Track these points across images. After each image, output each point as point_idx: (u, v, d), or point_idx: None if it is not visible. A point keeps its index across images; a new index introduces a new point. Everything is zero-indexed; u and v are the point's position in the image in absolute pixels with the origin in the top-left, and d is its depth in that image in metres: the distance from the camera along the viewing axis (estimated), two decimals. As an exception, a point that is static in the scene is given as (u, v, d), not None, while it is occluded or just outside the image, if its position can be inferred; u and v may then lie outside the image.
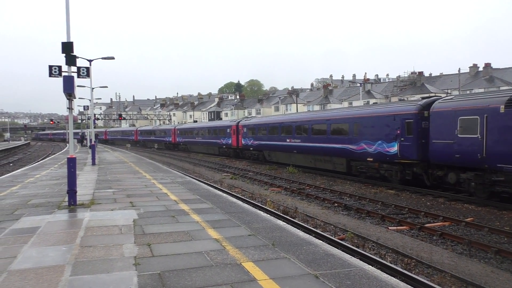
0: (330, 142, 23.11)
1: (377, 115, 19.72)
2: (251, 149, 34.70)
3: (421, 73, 70.59)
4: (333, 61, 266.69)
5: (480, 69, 69.31)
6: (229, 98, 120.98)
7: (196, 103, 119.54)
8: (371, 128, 19.85)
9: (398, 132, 17.88)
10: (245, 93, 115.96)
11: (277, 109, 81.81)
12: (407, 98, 58.16)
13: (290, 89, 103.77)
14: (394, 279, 5.64)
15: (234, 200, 12.10)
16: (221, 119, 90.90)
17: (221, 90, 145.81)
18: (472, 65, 70.48)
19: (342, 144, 22.00)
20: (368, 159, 19.99)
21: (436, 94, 34.68)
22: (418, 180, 17.73)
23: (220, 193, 13.74)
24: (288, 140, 27.90)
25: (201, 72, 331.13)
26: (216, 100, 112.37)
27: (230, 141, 39.16)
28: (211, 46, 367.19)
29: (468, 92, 54.76)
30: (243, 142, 36.09)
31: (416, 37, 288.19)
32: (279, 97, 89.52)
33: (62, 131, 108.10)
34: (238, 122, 37.90)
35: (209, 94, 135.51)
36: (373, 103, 32.37)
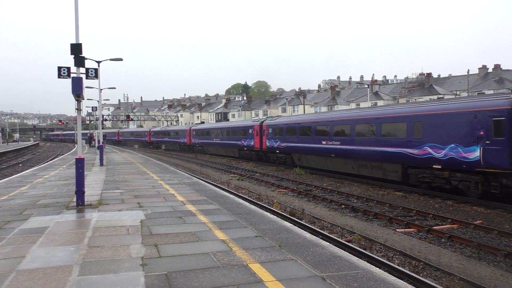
0: (380, 145, 19.39)
1: (449, 112, 16.13)
2: (278, 152, 31.22)
3: (429, 75, 70.12)
4: (339, 62, 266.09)
5: (490, 70, 68.68)
6: (236, 99, 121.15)
7: (203, 104, 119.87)
8: (439, 128, 16.39)
9: (482, 133, 14.55)
10: (252, 94, 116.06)
11: (284, 110, 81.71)
12: (415, 99, 57.83)
13: (297, 90, 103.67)
14: (402, 281, 5.60)
15: (241, 201, 12.10)
16: (228, 120, 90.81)
17: (228, 92, 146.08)
18: (481, 66, 69.83)
19: (397, 148, 18.45)
20: (434, 166, 16.52)
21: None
22: (508, 195, 14.36)
23: (227, 194, 13.75)
24: (324, 142, 24.29)
25: (208, 74, 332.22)
26: (223, 101, 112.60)
27: (252, 143, 35.57)
28: (218, 48, 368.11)
29: (476, 94, 54.27)
30: (267, 144, 32.55)
31: (424, 38, 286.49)
32: (286, 98, 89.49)
33: (73, 132, 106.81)
34: (262, 122, 34.31)
35: (216, 95, 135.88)
36: (439, 98, 30.15)
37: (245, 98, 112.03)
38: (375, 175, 20.43)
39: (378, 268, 6.08)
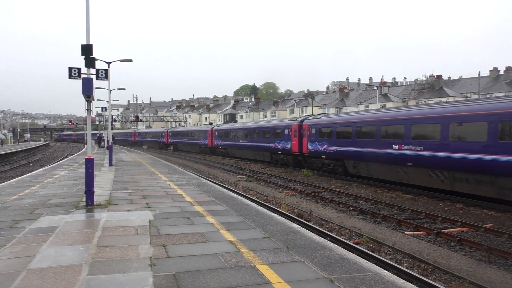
0: (499, 152, 13.98)
1: None
2: (323, 157, 25.85)
3: (439, 77, 69.60)
4: (348, 63, 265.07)
5: (501, 72, 67.95)
6: (245, 100, 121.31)
7: (211, 105, 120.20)
8: None
9: None
10: (261, 95, 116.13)
11: (292, 112, 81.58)
12: (425, 102, 57.36)
13: (305, 91, 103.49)
14: (411, 284, 5.56)
15: (249, 202, 12.11)
16: (236, 121, 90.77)
17: (236, 93, 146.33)
18: (492, 68, 69.13)
19: None
20: None
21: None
22: None
23: (235, 195, 13.76)
24: (396, 147, 18.80)
25: (217, 75, 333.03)
26: (232, 102, 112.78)
27: (288, 146, 30.59)
28: (227, 49, 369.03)
29: (488, 95, 53.72)
30: (309, 147, 27.46)
31: (433, 38, 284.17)
32: (295, 100, 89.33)
33: (94, 132, 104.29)
34: (302, 121, 29.26)
35: (225, 97, 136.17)
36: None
37: (253, 99, 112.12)
38: (482, 193, 15.05)
39: (386, 271, 6.04)
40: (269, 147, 33.89)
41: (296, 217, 12.53)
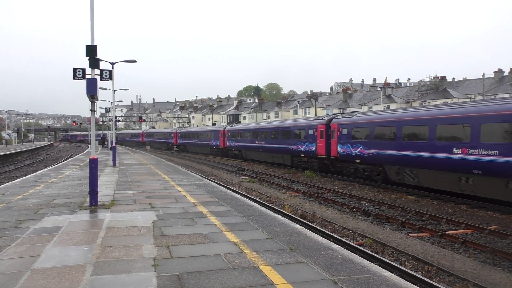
0: None
1: None
2: (357, 161, 22.37)
3: (443, 78, 69.38)
4: (351, 64, 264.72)
5: (505, 74, 67.69)
6: (248, 101, 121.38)
7: (215, 106, 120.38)
8: None
9: None
10: (264, 96, 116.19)
11: (295, 113, 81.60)
12: (429, 103, 57.18)
13: (309, 92, 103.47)
14: (415, 286, 5.55)
15: (252, 203, 12.11)
16: (239, 122, 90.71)
17: (239, 94, 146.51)
18: (496, 69, 68.90)
19: None
20: None
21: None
22: None
23: (238, 196, 13.77)
24: (458, 151, 15.41)
25: (220, 76, 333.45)
26: (235, 103, 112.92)
27: (313, 148, 27.21)
28: (230, 49, 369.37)
29: (492, 97, 53.50)
30: (340, 149, 24.08)
31: (437, 38, 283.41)
32: (298, 101, 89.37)
33: (98, 132, 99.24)
34: (330, 120, 25.94)
35: (228, 97, 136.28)
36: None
37: (256, 100, 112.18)
38: None
39: (390, 273, 6.03)
40: (290, 149, 30.49)
41: (299, 218, 12.51)
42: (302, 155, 28.98)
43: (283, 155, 32.45)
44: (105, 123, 76.79)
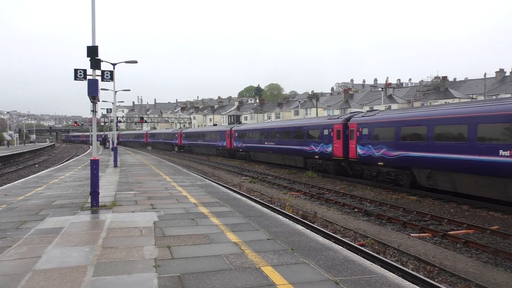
0: None
1: None
2: (381, 163, 20.26)
3: (444, 78, 69.26)
4: (352, 65, 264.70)
5: (507, 73, 67.58)
6: (249, 102, 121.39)
7: (216, 106, 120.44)
8: None
9: None
10: (265, 97, 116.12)
11: (296, 113, 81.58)
12: (430, 103, 57.12)
13: (310, 93, 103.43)
14: (417, 287, 5.54)
15: (253, 204, 12.10)
16: (240, 122, 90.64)
17: (241, 94, 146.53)
18: (498, 69, 68.77)
19: None
20: None
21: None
22: None
23: (239, 196, 13.77)
24: (505, 153, 13.68)
25: (221, 76, 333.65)
26: (236, 104, 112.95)
27: (329, 149, 25.09)
28: (231, 50, 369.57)
29: (494, 97, 53.41)
30: (359, 151, 21.88)
31: (438, 37, 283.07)
32: (299, 101, 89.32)
33: (99, 133, 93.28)
34: (348, 119, 23.64)
35: (229, 98, 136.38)
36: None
37: (257, 100, 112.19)
38: None
39: (392, 273, 6.02)
40: (303, 150, 28.36)
41: (300, 219, 12.50)
42: (316, 156, 26.88)
43: (295, 157, 30.27)
44: (107, 123, 76.83)
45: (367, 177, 22.07)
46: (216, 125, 77.58)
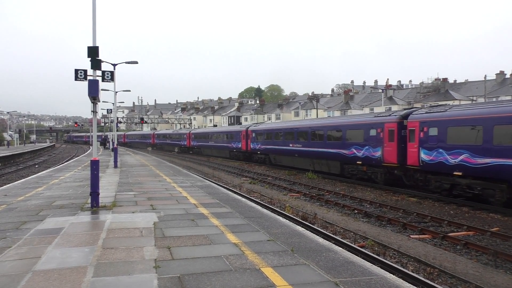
0: None
1: None
2: (458, 173, 16.07)
3: (445, 80, 69.29)
4: (353, 66, 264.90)
5: (507, 76, 67.61)
6: (249, 103, 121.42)
7: (216, 107, 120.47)
8: None
9: None
10: (265, 98, 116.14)
11: (297, 114, 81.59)
12: (430, 104, 57.14)
13: (310, 94, 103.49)
14: (416, 289, 5.52)
15: (253, 205, 12.10)
16: (240, 123, 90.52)
17: (241, 95, 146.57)
18: (498, 71, 68.80)
19: None
20: None
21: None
22: None
23: (239, 197, 13.77)
24: None
25: (222, 77, 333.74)
26: (236, 104, 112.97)
27: (377, 153, 20.66)
28: (232, 51, 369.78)
29: (494, 99, 53.43)
30: (423, 156, 17.62)
31: (439, 37, 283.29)
32: (299, 102, 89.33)
33: (100, 134, 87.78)
34: (405, 116, 19.48)
35: (229, 99, 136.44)
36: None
37: (258, 101, 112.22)
38: None
39: (392, 275, 6.02)
40: (341, 154, 23.86)
41: (300, 220, 12.49)
42: (358, 162, 22.36)
43: (329, 162, 25.76)
44: (107, 124, 76.76)
45: (434, 189, 17.74)
46: (216, 125, 76.01)
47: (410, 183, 19.41)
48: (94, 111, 11.55)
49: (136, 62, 29.11)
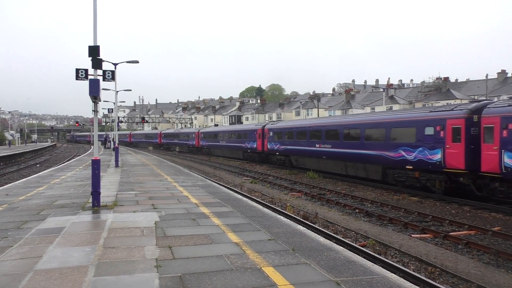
0: None
1: None
2: None
3: (446, 79, 69.12)
4: (354, 64, 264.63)
5: (509, 75, 67.46)
6: (250, 102, 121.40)
7: (217, 107, 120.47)
8: None
9: None
10: (266, 97, 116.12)
11: (298, 113, 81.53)
12: (432, 104, 57.05)
13: (311, 93, 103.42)
14: (418, 288, 5.52)
15: (254, 204, 12.10)
16: (241, 123, 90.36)
17: (242, 94, 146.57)
18: (500, 71, 68.64)
19: None
20: None
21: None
22: None
23: (240, 197, 13.76)
24: None
25: (223, 76, 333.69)
26: (237, 104, 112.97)
27: (437, 156, 17.22)
28: (233, 50, 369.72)
29: (495, 98, 53.34)
30: (507, 161, 14.31)
31: (441, 38, 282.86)
32: (300, 102, 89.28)
33: (101, 133, 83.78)
34: (476, 111, 16.10)
35: (230, 98, 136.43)
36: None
37: (258, 101, 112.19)
38: None
39: (393, 274, 6.00)
40: (383, 157, 20.17)
41: (301, 219, 12.48)
42: (409, 167, 18.56)
43: (368, 166, 21.80)
44: (108, 124, 76.73)
45: None
46: (217, 125, 74.61)
47: (483, 194, 15.94)
48: (95, 111, 11.54)
49: (137, 62, 29.12)
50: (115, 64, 27.64)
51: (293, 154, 30.88)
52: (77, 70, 10.92)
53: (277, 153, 33.57)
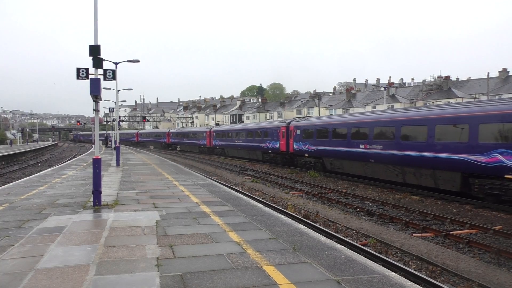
0: None
1: None
2: None
3: (447, 77, 69.06)
4: (355, 63, 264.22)
5: (510, 73, 67.33)
6: (251, 101, 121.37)
7: (218, 106, 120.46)
8: None
9: None
10: (267, 96, 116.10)
11: (299, 112, 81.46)
12: (433, 102, 56.95)
13: (312, 92, 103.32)
14: (419, 287, 5.52)
15: (255, 203, 12.09)
16: (242, 122, 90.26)
17: (243, 93, 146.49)
18: (501, 69, 68.50)
19: None
20: None
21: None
22: None
23: (241, 196, 13.76)
24: None
25: (224, 76, 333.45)
26: (238, 103, 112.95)
27: None
28: (234, 50, 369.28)
29: (497, 97, 53.21)
30: None
31: (441, 35, 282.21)
32: (301, 101, 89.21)
33: (103, 132, 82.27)
34: None
35: (231, 97, 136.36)
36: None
37: (259, 100, 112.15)
38: None
39: (394, 273, 6.00)
40: (464, 162, 15.46)
41: (302, 218, 12.48)
42: (508, 176, 13.95)
43: (438, 173, 17.05)
44: (109, 123, 76.70)
45: None
46: (218, 124, 73.56)
47: None
48: (96, 110, 11.53)
49: (138, 61, 29.14)
50: (116, 64, 27.66)
51: (327, 156, 25.98)
52: (78, 69, 10.92)
53: (306, 155, 28.88)
